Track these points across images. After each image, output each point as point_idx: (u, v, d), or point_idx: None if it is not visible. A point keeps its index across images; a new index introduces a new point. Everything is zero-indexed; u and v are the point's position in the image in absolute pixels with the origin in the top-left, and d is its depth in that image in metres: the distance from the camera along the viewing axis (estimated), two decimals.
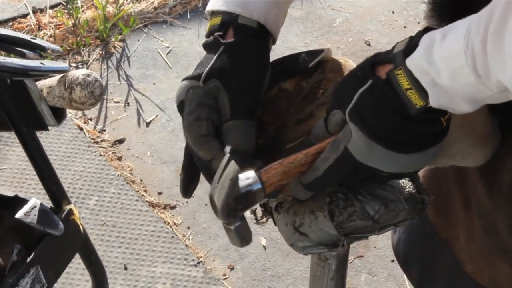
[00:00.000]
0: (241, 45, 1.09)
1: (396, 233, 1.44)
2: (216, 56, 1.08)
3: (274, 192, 1.00)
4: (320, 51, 1.12)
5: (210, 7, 1.14)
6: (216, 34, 1.09)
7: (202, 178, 1.09)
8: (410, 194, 1.03)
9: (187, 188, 1.11)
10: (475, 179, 1.16)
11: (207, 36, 1.13)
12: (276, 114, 1.11)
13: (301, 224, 1.04)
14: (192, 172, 1.10)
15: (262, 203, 1.12)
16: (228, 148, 1.02)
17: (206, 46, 1.11)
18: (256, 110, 1.08)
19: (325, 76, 1.10)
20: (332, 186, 1.02)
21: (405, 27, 3.36)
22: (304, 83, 1.12)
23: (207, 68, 1.06)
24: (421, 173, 1.26)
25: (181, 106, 1.07)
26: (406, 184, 1.03)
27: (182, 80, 1.09)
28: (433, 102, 0.91)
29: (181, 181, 1.11)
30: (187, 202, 2.60)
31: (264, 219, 1.13)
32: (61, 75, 1.39)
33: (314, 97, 1.10)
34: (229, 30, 1.10)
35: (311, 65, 1.11)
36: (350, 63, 1.12)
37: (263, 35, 1.12)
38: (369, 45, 3.28)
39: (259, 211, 1.13)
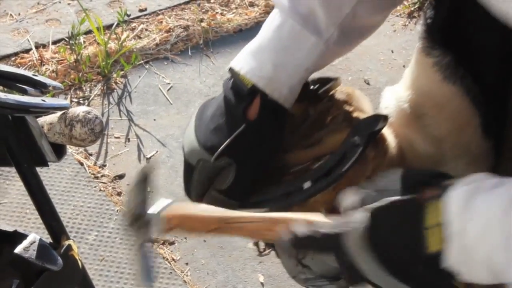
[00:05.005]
0: (263, 125, 1.08)
1: None
2: (236, 133, 1.06)
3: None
4: (331, 79, 1.14)
5: (243, 69, 1.10)
6: (242, 107, 1.07)
7: None
8: None
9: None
10: None
11: (232, 79, 1.10)
12: None
13: (303, 256, 1.06)
14: None
15: None
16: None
17: (229, 98, 1.09)
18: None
19: (333, 103, 1.12)
20: None
21: (404, 66, 3.38)
22: (311, 110, 1.14)
23: (222, 146, 1.06)
24: None
25: (189, 168, 1.10)
26: None
27: (196, 137, 1.11)
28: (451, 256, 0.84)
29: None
30: (185, 238, 2.60)
31: (266, 251, 1.15)
32: (62, 112, 1.41)
33: (322, 123, 1.13)
34: (256, 100, 1.08)
35: (321, 92, 1.13)
36: (357, 93, 1.15)
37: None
38: (368, 83, 3.30)
39: (261, 244, 1.15)
